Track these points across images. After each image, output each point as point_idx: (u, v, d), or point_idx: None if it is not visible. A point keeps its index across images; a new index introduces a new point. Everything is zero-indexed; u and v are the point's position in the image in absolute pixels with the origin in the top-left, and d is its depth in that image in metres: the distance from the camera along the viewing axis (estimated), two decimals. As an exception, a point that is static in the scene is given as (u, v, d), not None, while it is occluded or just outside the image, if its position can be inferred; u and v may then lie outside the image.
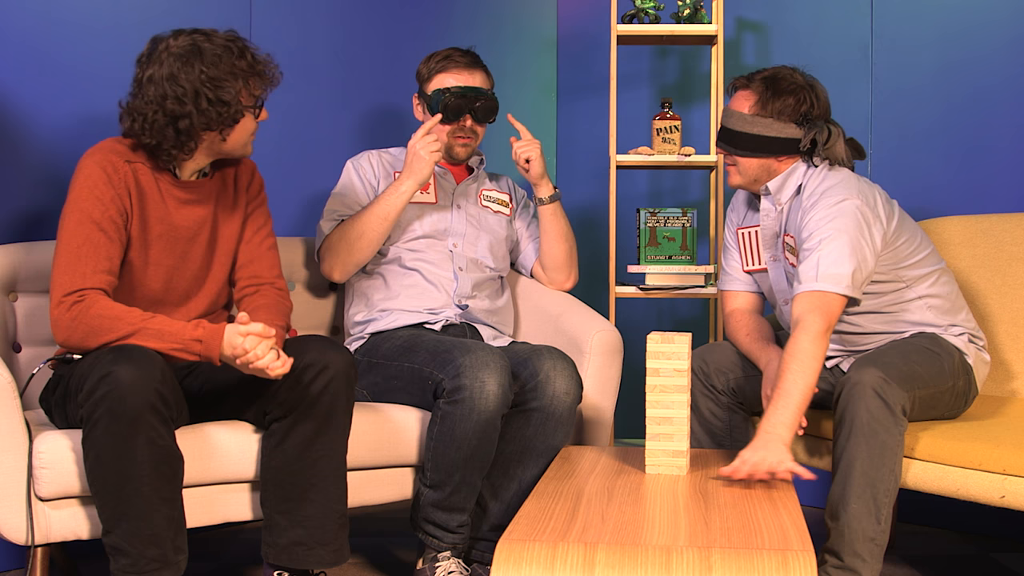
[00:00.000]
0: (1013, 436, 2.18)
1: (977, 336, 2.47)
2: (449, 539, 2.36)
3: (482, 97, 2.70)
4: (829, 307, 2.22)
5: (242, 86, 2.13)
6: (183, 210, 2.22)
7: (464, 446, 2.28)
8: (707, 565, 1.59)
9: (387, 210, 2.60)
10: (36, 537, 2.03)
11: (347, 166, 2.78)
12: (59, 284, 2.06)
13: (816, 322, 2.19)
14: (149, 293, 2.20)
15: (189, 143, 2.13)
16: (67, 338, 2.05)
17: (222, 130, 2.14)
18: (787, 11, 3.33)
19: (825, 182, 2.37)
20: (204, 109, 2.09)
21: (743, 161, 2.44)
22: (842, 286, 2.23)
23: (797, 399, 2.13)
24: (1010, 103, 2.99)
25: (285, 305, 2.32)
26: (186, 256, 2.24)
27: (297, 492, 2.14)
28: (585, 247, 3.43)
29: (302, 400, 2.10)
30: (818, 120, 2.39)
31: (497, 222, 2.81)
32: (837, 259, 2.24)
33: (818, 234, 2.28)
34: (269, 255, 2.35)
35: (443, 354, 2.35)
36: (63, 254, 2.08)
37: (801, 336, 2.18)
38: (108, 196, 2.10)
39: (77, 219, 2.09)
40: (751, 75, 2.44)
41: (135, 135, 2.13)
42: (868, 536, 2.11)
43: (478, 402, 2.25)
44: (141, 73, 2.12)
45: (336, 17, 3.18)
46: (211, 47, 2.10)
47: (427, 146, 2.59)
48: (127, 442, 1.91)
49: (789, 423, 2.12)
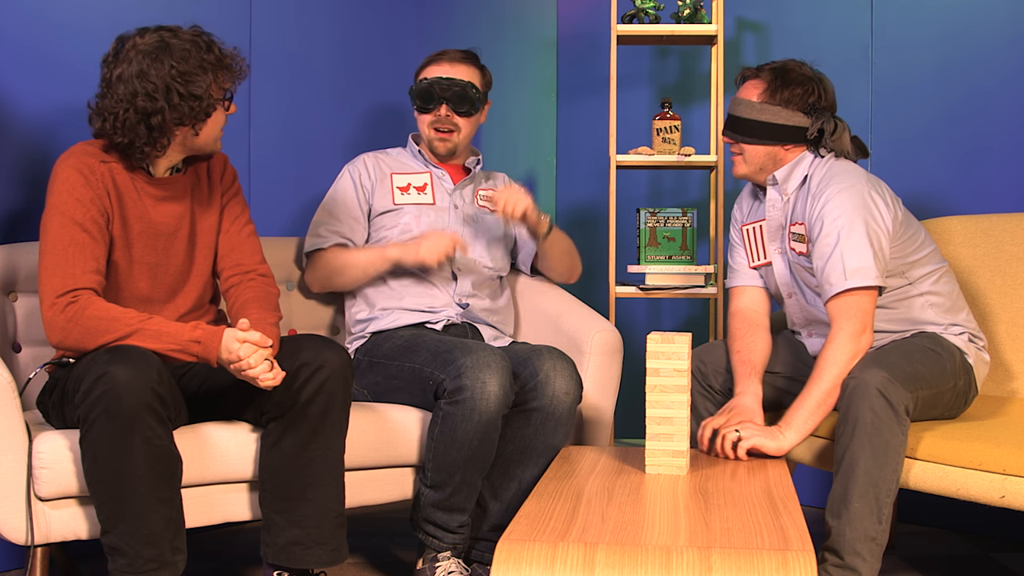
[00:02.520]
0: (1013, 436, 2.18)
1: (977, 336, 2.47)
2: (449, 539, 2.36)
3: (458, 85, 2.70)
4: (863, 304, 2.27)
5: (212, 80, 2.14)
6: (160, 207, 2.23)
7: (465, 447, 2.28)
8: (707, 565, 1.59)
9: (369, 269, 2.65)
10: (36, 537, 2.03)
11: (343, 172, 2.79)
12: (49, 286, 2.06)
13: (851, 325, 2.26)
14: (136, 292, 2.21)
15: (162, 139, 2.14)
16: (63, 339, 2.05)
17: (194, 124, 2.15)
18: (787, 11, 3.33)
19: (832, 170, 2.39)
20: (176, 104, 2.10)
21: (749, 149, 2.46)
22: (871, 277, 2.27)
23: (829, 401, 2.25)
24: (1010, 103, 2.98)
25: (272, 293, 2.34)
26: (168, 252, 2.24)
27: (294, 491, 2.14)
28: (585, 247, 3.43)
29: (298, 399, 2.11)
30: (825, 112, 2.41)
31: (495, 221, 2.81)
32: (859, 253, 2.27)
33: (834, 228, 2.30)
34: (249, 242, 2.36)
35: (444, 354, 2.35)
36: (49, 257, 2.08)
37: (839, 336, 2.26)
38: (88, 197, 2.11)
39: (59, 222, 2.09)
40: (760, 66, 2.48)
41: (107, 135, 2.13)
42: (869, 535, 2.11)
43: (479, 403, 2.25)
44: (109, 72, 2.12)
45: (336, 17, 3.18)
46: (179, 43, 2.11)
47: (437, 246, 2.56)
48: (124, 442, 1.91)
49: (805, 427, 2.25)
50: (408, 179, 2.78)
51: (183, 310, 2.27)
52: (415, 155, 2.83)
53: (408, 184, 2.77)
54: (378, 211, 2.74)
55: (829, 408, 2.26)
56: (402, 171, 2.80)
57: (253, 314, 2.23)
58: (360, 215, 2.74)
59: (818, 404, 2.24)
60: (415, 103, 2.75)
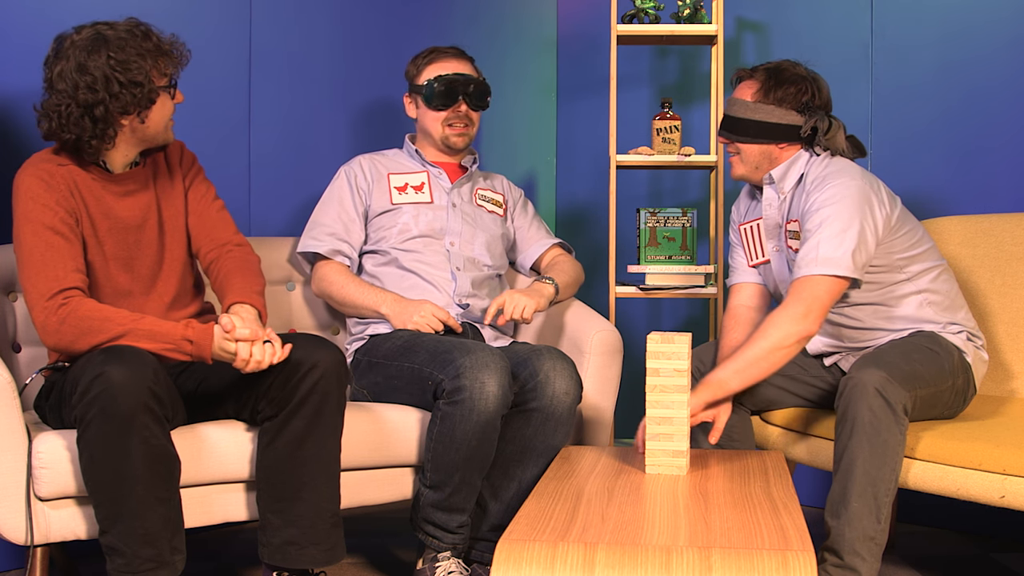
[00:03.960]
0: (1013, 436, 2.18)
1: (976, 335, 2.47)
2: (449, 539, 2.36)
3: (473, 81, 2.73)
4: (819, 292, 2.27)
5: (151, 66, 2.14)
6: (124, 202, 2.23)
7: (464, 447, 2.28)
8: (707, 565, 1.59)
9: (363, 313, 2.67)
10: (36, 537, 2.03)
11: (339, 173, 2.80)
12: (36, 290, 2.06)
13: (798, 306, 2.27)
14: (116, 288, 2.22)
15: (108, 131, 2.14)
16: (57, 341, 2.06)
17: (139, 112, 2.16)
18: (787, 11, 3.33)
19: (828, 168, 2.40)
20: (117, 93, 2.10)
21: (745, 148, 2.47)
22: (841, 268, 2.26)
23: (752, 369, 2.28)
24: (1010, 103, 2.98)
25: (253, 260, 2.36)
26: (139, 245, 2.25)
27: (289, 491, 2.14)
28: (585, 247, 3.43)
29: (291, 399, 2.11)
30: (819, 110, 2.42)
31: (492, 220, 2.82)
32: (837, 241, 2.27)
33: (819, 216, 2.31)
34: (220, 216, 2.38)
35: (443, 354, 2.35)
36: (29, 264, 2.09)
37: (781, 313, 2.27)
38: (53, 200, 2.12)
39: (31, 230, 2.10)
40: (755, 67, 2.50)
41: (54, 134, 2.14)
42: (868, 535, 2.11)
43: (478, 403, 2.25)
44: (50, 72, 2.13)
45: (336, 17, 3.18)
46: (114, 33, 2.12)
47: (429, 318, 2.57)
48: (121, 442, 1.91)
49: (731, 382, 2.29)
50: (405, 179, 2.79)
51: (167, 299, 2.28)
52: (412, 155, 2.83)
53: (405, 184, 2.78)
54: (376, 212, 2.74)
55: (754, 377, 2.30)
56: (399, 171, 2.80)
57: (237, 283, 2.26)
58: (356, 217, 2.74)
59: (740, 369, 2.28)
60: (432, 103, 2.75)
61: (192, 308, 2.33)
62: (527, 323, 2.64)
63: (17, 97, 2.59)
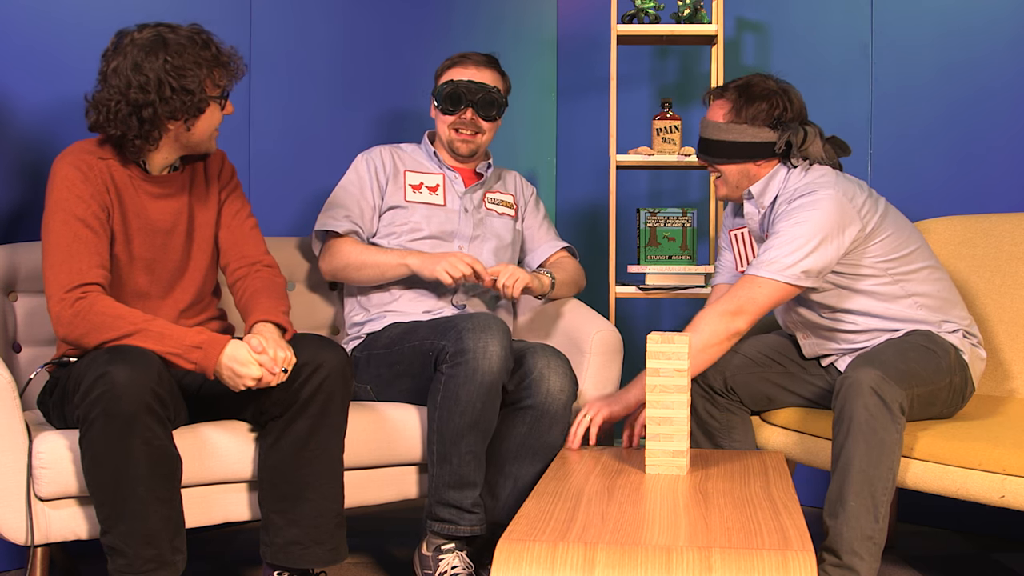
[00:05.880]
0: (1013, 436, 2.18)
1: (971, 332, 2.47)
2: (466, 520, 2.32)
3: (484, 90, 2.71)
4: (755, 293, 2.28)
5: (206, 76, 2.14)
6: (157, 204, 2.23)
7: (469, 409, 2.27)
8: (707, 565, 1.59)
9: (388, 272, 2.63)
10: (36, 537, 2.03)
11: (359, 160, 2.79)
12: (57, 282, 2.06)
13: (730, 303, 2.28)
14: (135, 287, 2.22)
15: (153, 132, 2.14)
16: (68, 333, 2.06)
17: (187, 120, 2.15)
18: (787, 11, 3.33)
19: (804, 179, 2.41)
20: (167, 98, 2.10)
21: (724, 169, 2.49)
22: (785, 274, 2.27)
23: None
24: (1010, 104, 2.98)
25: (279, 283, 2.34)
26: (165, 249, 2.25)
27: (293, 491, 2.14)
28: (585, 247, 3.43)
29: (296, 399, 2.11)
30: (792, 123, 2.42)
31: (502, 225, 2.81)
32: (790, 248, 2.28)
33: (783, 225, 2.32)
34: (252, 234, 2.37)
35: (443, 324, 2.37)
36: (54, 254, 2.08)
37: (711, 309, 2.28)
38: (88, 193, 2.12)
39: (61, 219, 2.10)
40: (725, 85, 2.50)
41: (100, 127, 2.14)
42: (866, 534, 2.11)
43: (482, 362, 2.25)
44: (106, 66, 2.13)
45: (336, 17, 3.18)
46: (175, 38, 2.12)
47: (454, 267, 2.54)
48: (123, 442, 1.91)
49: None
50: (421, 178, 2.79)
51: (182, 305, 2.27)
52: (430, 155, 2.83)
53: (421, 183, 2.78)
54: (388, 205, 2.74)
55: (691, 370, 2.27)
56: (416, 169, 2.80)
57: (264, 303, 2.24)
58: (373, 206, 2.73)
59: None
60: (439, 105, 2.74)
61: (204, 316, 2.33)
62: (513, 300, 2.62)
63: (17, 96, 2.59)
